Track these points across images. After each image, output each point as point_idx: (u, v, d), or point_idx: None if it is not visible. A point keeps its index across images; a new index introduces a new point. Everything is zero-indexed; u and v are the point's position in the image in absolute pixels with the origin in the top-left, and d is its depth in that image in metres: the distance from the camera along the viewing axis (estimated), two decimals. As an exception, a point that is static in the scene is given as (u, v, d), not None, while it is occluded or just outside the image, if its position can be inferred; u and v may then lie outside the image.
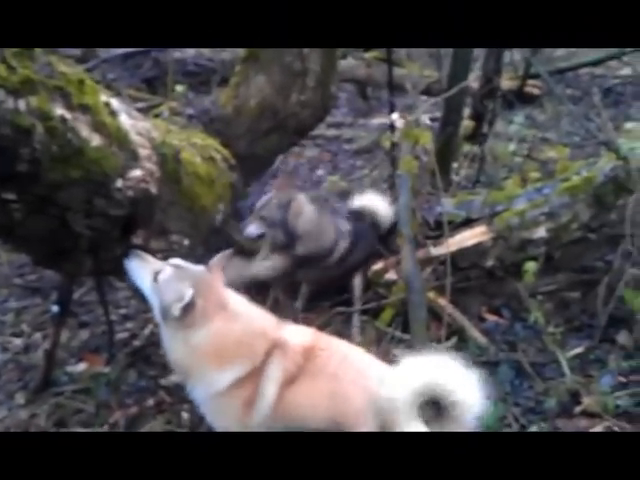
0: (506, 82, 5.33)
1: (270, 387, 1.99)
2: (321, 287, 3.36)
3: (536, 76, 5.87)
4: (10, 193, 1.67)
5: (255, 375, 2.00)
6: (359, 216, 3.39)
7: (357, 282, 3.33)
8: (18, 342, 3.45)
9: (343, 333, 3.18)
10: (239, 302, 2.10)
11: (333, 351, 2.10)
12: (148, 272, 2.05)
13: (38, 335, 3.44)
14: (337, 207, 3.84)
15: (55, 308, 3.00)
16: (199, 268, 2.09)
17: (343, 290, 3.36)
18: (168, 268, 2.04)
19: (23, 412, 2.96)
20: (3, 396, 3.09)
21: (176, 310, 1.92)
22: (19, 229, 1.84)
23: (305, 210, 3.02)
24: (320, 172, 4.78)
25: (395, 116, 3.11)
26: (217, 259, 2.13)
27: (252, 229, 2.96)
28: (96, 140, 1.81)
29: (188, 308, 1.92)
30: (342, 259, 3.18)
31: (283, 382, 1.99)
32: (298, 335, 2.11)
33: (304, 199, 3.06)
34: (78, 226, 1.91)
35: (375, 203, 3.45)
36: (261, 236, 2.97)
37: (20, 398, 3.06)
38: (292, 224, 2.95)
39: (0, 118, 1.51)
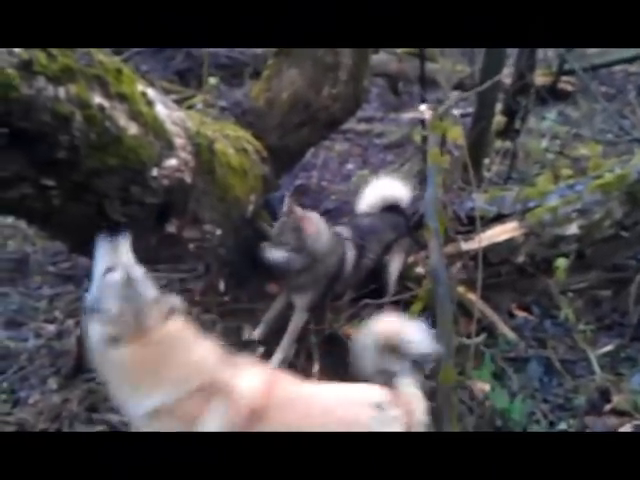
0: (539, 78, 5.29)
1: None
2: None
3: (570, 72, 5.82)
4: (49, 179, 1.70)
5: (180, 408, 1.79)
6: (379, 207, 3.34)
7: (393, 267, 3.30)
8: (51, 328, 3.50)
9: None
10: (182, 330, 1.88)
11: (290, 399, 1.88)
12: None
13: (71, 322, 3.49)
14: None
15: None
16: (149, 292, 1.86)
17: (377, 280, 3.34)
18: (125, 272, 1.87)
19: (56, 397, 3.01)
20: (36, 381, 3.15)
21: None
22: (57, 215, 1.87)
23: (320, 228, 2.92)
24: (350, 166, 4.78)
25: (423, 107, 3.11)
26: (169, 302, 1.88)
27: (277, 256, 2.80)
28: (133, 129, 1.84)
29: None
30: (355, 267, 3.11)
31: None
32: (251, 382, 1.84)
33: (316, 217, 2.95)
34: (114, 213, 1.95)
35: (389, 189, 3.40)
36: (284, 262, 2.83)
37: (53, 383, 3.11)
38: (310, 246, 2.84)
39: (40, 105, 1.54)
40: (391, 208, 3.32)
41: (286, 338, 3.02)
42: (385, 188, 3.35)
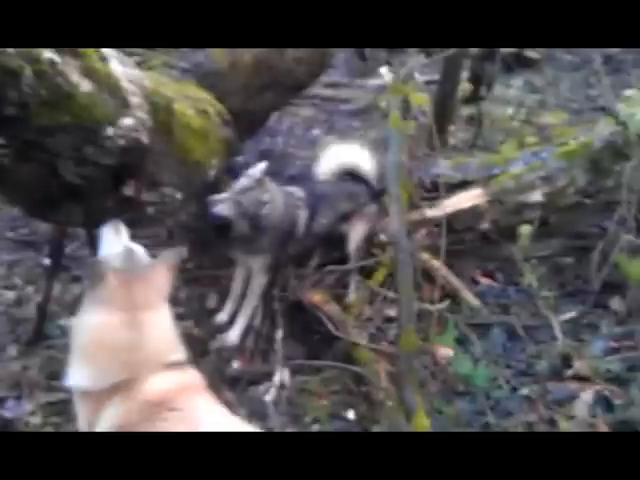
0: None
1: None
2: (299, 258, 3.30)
3: (537, 40, 5.79)
4: (-2, 137, 1.64)
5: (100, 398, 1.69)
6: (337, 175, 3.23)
7: (353, 236, 3.24)
8: (10, 295, 3.44)
9: (335, 292, 3.21)
10: (155, 319, 1.78)
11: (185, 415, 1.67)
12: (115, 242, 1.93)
13: (30, 288, 3.43)
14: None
15: (47, 261, 2.99)
16: (147, 260, 1.89)
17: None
18: (124, 246, 1.90)
19: (15, 364, 2.97)
20: (-6, 348, 3.10)
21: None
22: (8, 175, 1.81)
23: (276, 205, 2.86)
24: (316, 132, 4.73)
25: (384, 70, 3.06)
26: (167, 255, 1.90)
27: (222, 209, 2.74)
28: (86, 86, 1.77)
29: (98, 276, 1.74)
30: (307, 227, 3.04)
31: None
32: (161, 386, 1.69)
33: (273, 186, 2.90)
34: (68, 174, 1.88)
35: (347, 155, 3.27)
36: (225, 220, 2.77)
37: (12, 350, 3.07)
38: (262, 222, 2.80)
39: (-14, 59, 1.48)
40: (351, 176, 3.22)
41: (247, 303, 3.02)
42: (343, 154, 3.25)
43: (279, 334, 3.01)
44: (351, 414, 2.72)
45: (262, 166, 2.79)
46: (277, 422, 2.64)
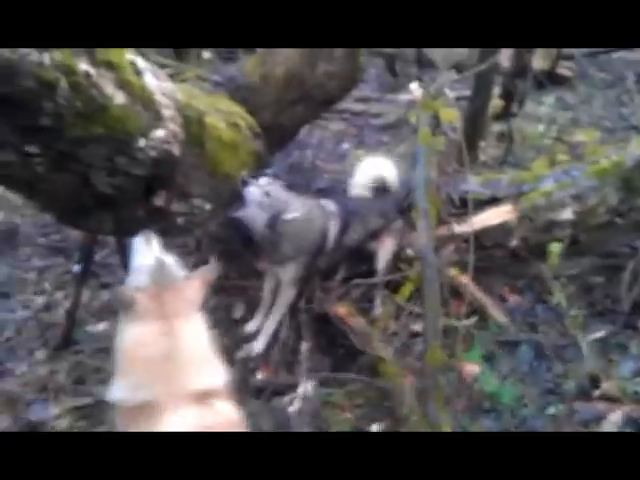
0: (538, 62, 5.23)
1: None
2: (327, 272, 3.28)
3: (569, 57, 5.77)
4: (33, 147, 1.67)
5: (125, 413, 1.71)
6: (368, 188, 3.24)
7: (382, 254, 3.26)
8: (40, 300, 3.50)
9: (361, 305, 3.21)
10: (188, 329, 1.79)
11: None
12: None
13: (60, 294, 3.49)
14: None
15: (77, 268, 3.03)
16: (179, 271, 1.89)
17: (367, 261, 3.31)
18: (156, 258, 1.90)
19: (43, 368, 3.01)
20: (24, 352, 3.14)
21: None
22: (42, 184, 1.85)
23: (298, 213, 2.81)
24: (345, 146, 4.74)
25: (414, 86, 3.06)
26: (203, 270, 1.93)
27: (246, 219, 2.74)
28: (120, 98, 1.81)
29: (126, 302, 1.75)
30: (338, 242, 3.02)
31: None
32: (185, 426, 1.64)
33: (301, 202, 2.87)
34: (100, 184, 1.92)
35: (378, 168, 3.28)
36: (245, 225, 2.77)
37: (40, 355, 3.11)
38: (280, 228, 2.77)
39: (24, 71, 1.51)
40: (381, 191, 3.23)
41: (274, 314, 3.01)
42: (375, 167, 3.27)
43: (304, 346, 3.01)
44: (375, 428, 2.71)
45: (265, 180, 2.78)
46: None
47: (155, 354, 1.70)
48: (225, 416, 1.75)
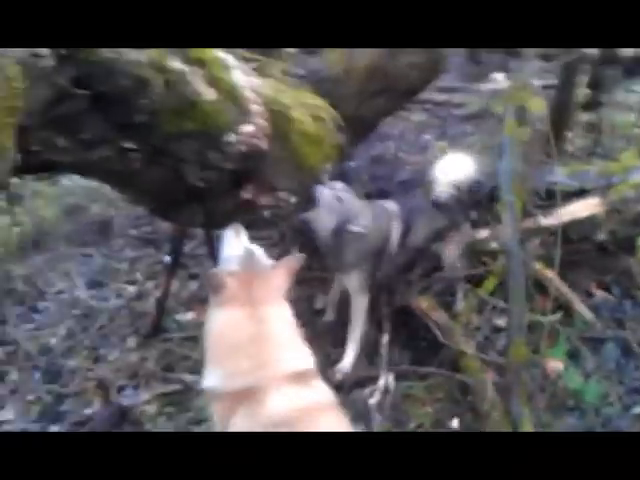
0: (627, 49, 5.02)
1: None
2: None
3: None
4: (130, 142, 1.75)
5: (223, 401, 1.73)
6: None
7: (448, 251, 3.17)
8: (132, 289, 3.65)
9: (443, 299, 3.19)
10: (277, 314, 1.83)
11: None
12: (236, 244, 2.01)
13: (150, 284, 3.62)
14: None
15: (167, 259, 3.15)
16: (266, 261, 1.95)
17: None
18: (245, 247, 1.98)
19: (134, 355, 3.14)
20: (116, 339, 3.29)
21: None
22: (137, 178, 1.93)
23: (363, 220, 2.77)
24: (427, 137, 4.70)
25: (499, 76, 2.99)
26: (288, 259, 1.95)
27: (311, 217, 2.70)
28: (210, 94, 1.86)
29: (217, 284, 1.79)
30: (401, 245, 2.94)
31: None
32: (286, 404, 1.66)
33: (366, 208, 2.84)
34: (192, 178, 1.99)
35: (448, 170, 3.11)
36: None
37: (131, 342, 3.25)
38: (346, 236, 2.73)
39: (121, 69, 1.58)
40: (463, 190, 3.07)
41: (353, 329, 2.95)
42: (456, 165, 3.11)
43: (385, 338, 3.02)
44: (455, 423, 2.69)
45: (340, 185, 2.78)
46: (380, 426, 2.66)
47: (246, 339, 1.74)
48: (325, 395, 1.79)
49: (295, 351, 1.81)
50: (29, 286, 3.81)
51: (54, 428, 2.78)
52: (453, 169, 3.09)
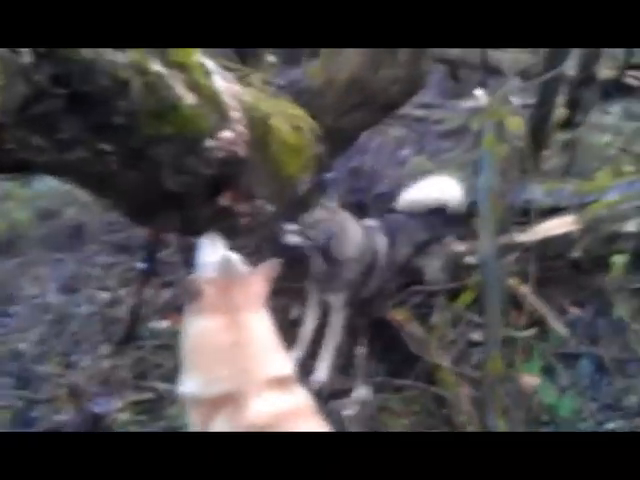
0: (604, 71, 5.09)
1: None
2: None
3: (636, 67, 5.61)
4: (107, 144, 1.72)
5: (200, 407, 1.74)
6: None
7: (431, 270, 3.23)
8: (104, 296, 3.60)
9: (419, 312, 3.19)
10: (256, 321, 1.84)
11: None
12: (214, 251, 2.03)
13: (123, 291, 3.58)
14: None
15: (141, 265, 3.11)
16: (243, 268, 1.97)
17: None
18: (222, 254, 1.99)
19: (106, 362, 3.10)
20: (89, 346, 3.24)
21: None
22: (113, 181, 1.90)
23: (351, 238, 2.83)
24: (405, 152, 4.71)
25: (479, 92, 3.02)
26: (265, 266, 1.97)
27: (292, 238, 2.76)
28: (190, 99, 1.84)
29: (195, 291, 1.81)
30: (387, 262, 3.00)
31: None
32: (267, 408, 1.67)
33: (354, 226, 2.88)
34: (169, 182, 1.96)
35: (439, 191, 3.22)
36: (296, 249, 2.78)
37: (104, 349, 3.20)
38: (334, 254, 2.78)
39: (99, 69, 1.55)
40: (440, 211, 3.17)
41: (328, 342, 2.95)
42: (435, 190, 3.22)
43: (360, 350, 3.01)
44: (430, 436, 2.70)
45: (335, 198, 2.78)
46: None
47: (225, 346, 1.74)
48: (305, 400, 1.80)
49: (275, 357, 1.82)
50: (0, 290, 3.74)
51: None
52: (434, 192, 3.14)
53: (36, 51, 1.40)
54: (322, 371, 2.91)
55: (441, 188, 3.22)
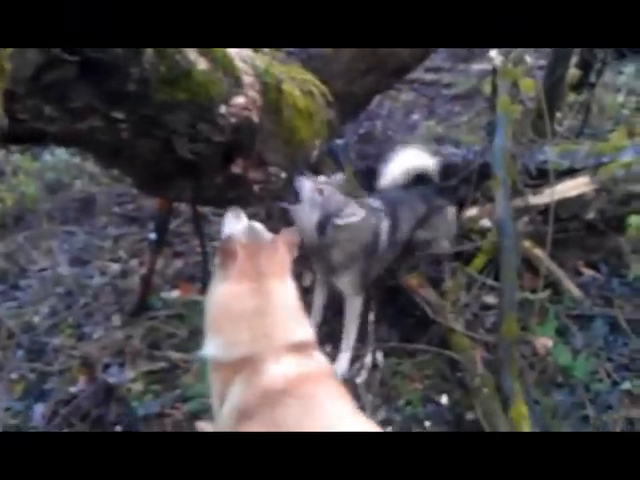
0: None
1: (227, 412, 1.68)
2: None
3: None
4: (119, 112, 1.69)
5: (221, 370, 1.76)
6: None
7: (436, 238, 3.17)
8: (115, 267, 3.61)
9: (432, 277, 3.17)
10: (281, 288, 1.83)
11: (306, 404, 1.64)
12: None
13: (134, 261, 3.58)
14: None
15: (152, 236, 3.10)
16: (268, 236, 1.95)
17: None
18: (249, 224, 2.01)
19: (119, 333, 3.11)
20: (100, 317, 3.25)
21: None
22: (126, 150, 1.88)
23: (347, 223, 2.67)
24: (415, 117, 4.67)
25: (494, 53, 2.98)
26: (286, 233, 1.94)
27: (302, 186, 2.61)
28: (202, 64, 1.82)
29: (230, 251, 1.79)
30: (391, 240, 2.90)
31: (239, 414, 1.64)
32: (284, 372, 1.67)
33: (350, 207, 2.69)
34: (182, 150, 1.94)
35: (414, 160, 3.15)
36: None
37: (116, 320, 3.21)
38: (330, 239, 2.67)
39: (113, 35, 1.52)
40: (419, 180, 3.11)
41: (347, 332, 2.88)
42: (409, 160, 3.14)
43: (371, 316, 3.01)
44: (444, 399, 2.71)
45: (322, 179, 2.71)
46: (368, 403, 2.65)
47: (249, 311, 1.75)
48: (323, 364, 1.80)
49: (297, 324, 1.82)
50: (11, 264, 3.76)
51: (38, 406, 2.75)
52: (411, 161, 3.10)
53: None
54: (343, 363, 2.86)
55: (414, 157, 3.16)
